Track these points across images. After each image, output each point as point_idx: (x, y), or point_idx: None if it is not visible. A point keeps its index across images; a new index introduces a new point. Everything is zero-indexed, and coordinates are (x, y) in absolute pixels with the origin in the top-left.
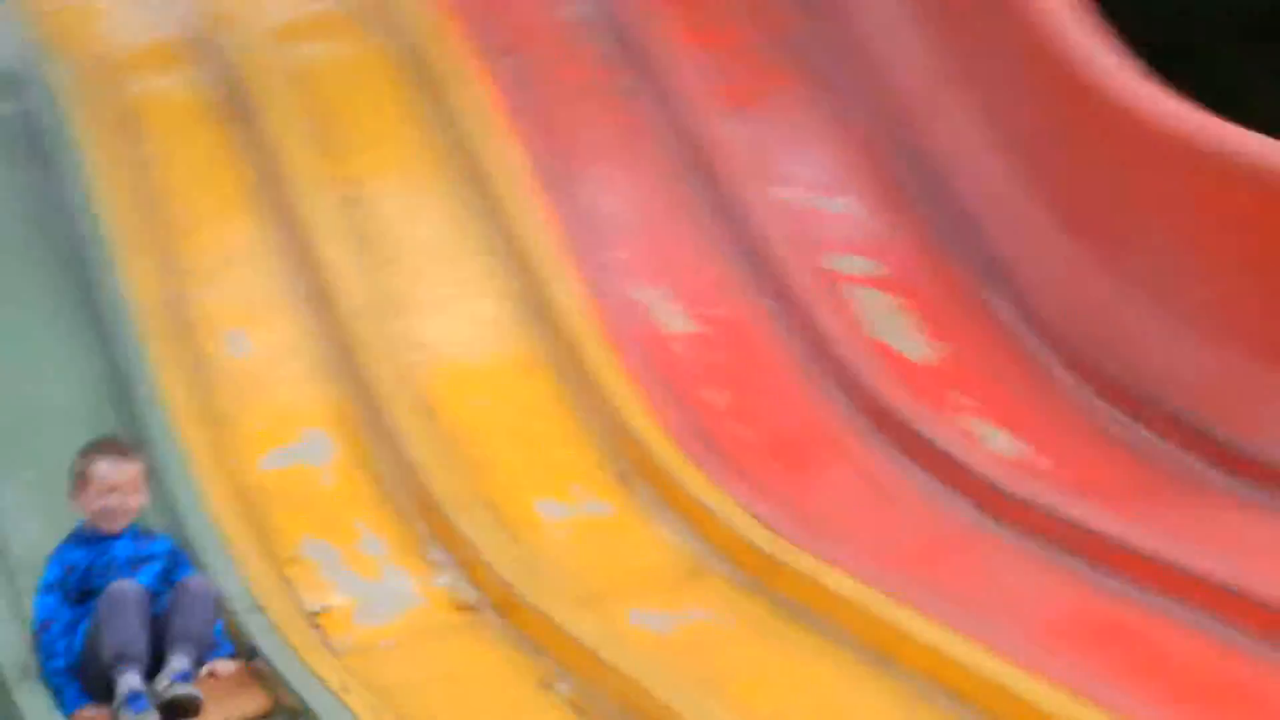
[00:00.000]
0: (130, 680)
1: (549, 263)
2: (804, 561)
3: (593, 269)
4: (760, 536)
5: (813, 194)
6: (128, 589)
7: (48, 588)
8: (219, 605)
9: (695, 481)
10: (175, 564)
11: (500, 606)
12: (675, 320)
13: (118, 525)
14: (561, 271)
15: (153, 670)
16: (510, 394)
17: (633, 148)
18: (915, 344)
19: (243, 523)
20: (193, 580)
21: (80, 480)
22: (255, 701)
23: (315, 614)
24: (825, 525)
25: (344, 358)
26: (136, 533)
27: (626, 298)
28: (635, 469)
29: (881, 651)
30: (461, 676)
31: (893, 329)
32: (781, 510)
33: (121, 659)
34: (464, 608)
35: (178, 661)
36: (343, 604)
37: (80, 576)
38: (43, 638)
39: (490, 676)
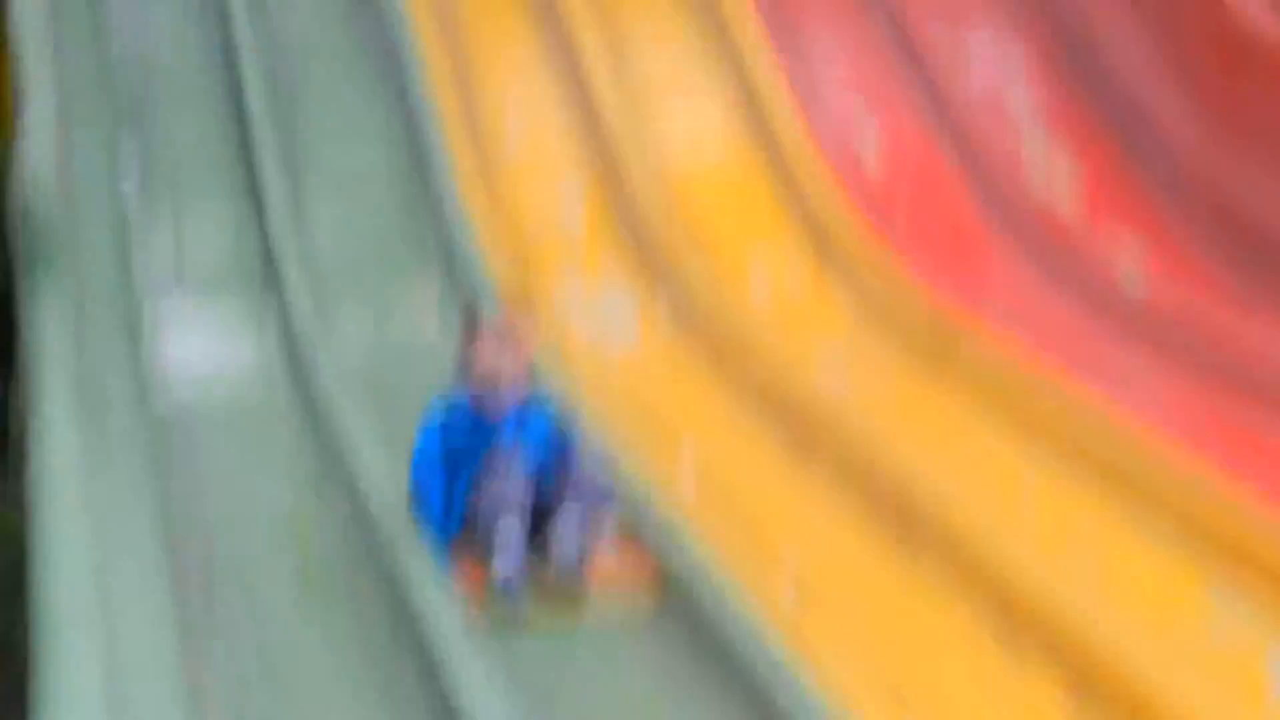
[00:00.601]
0: (510, 527)
1: (771, 85)
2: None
3: (806, 94)
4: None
5: (991, 42)
6: (510, 454)
7: (423, 457)
8: (610, 491)
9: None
10: (563, 445)
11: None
12: (869, 136)
13: (502, 405)
14: (780, 92)
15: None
16: (732, 183)
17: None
18: (1063, 175)
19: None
20: (587, 471)
21: (470, 350)
22: (637, 578)
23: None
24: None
25: (599, 151)
26: (520, 414)
27: (831, 116)
28: (831, 243)
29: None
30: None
31: (1047, 162)
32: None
33: (502, 507)
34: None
35: (565, 528)
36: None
37: (460, 452)
38: (421, 502)
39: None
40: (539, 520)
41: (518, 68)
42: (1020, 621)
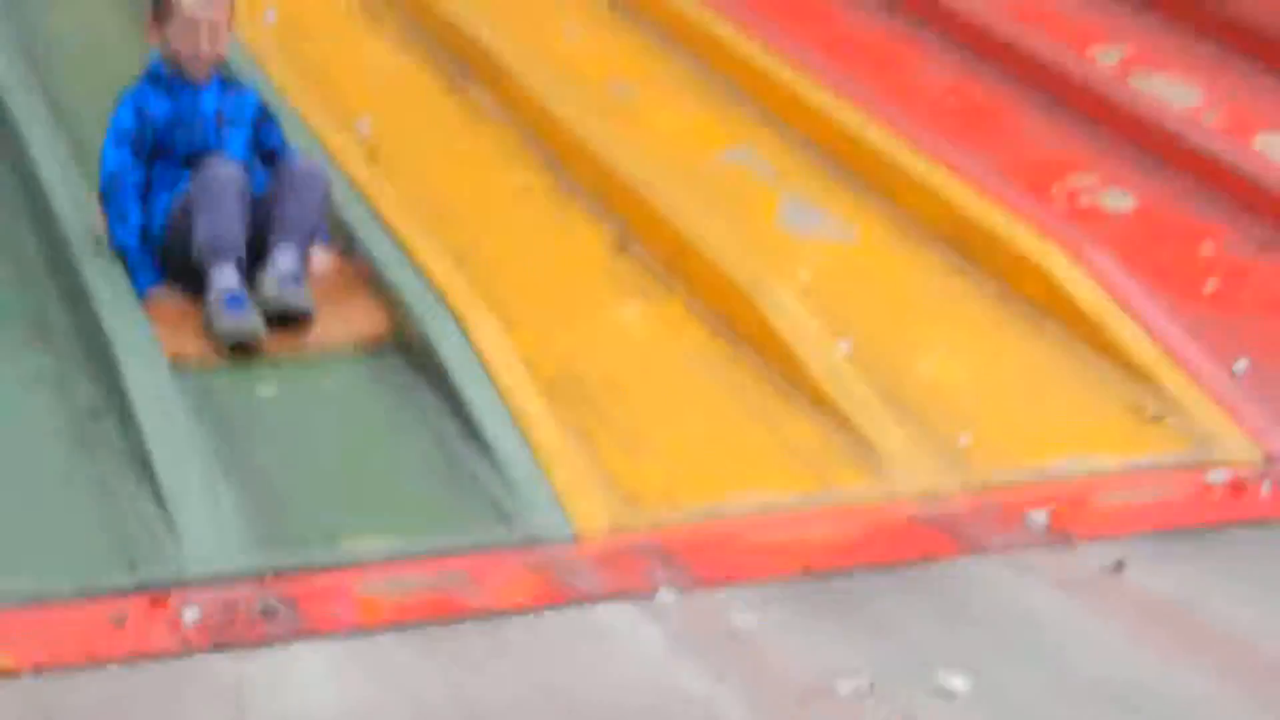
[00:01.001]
0: (227, 276)
1: None
2: None
3: None
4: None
5: None
6: (225, 171)
7: (119, 136)
8: (328, 191)
9: None
10: (265, 124)
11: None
12: None
13: (203, 71)
14: None
15: (250, 263)
16: None
17: None
18: None
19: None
20: (299, 161)
21: (164, 13)
22: (370, 319)
23: None
24: None
25: None
26: (223, 83)
27: None
28: None
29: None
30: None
31: None
32: None
33: (216, 252)
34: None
35: (284, 258)
36: None
37: (160, 130)
38: (114, 196)
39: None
40: (255, 230)
41: None
42: (573, 175)
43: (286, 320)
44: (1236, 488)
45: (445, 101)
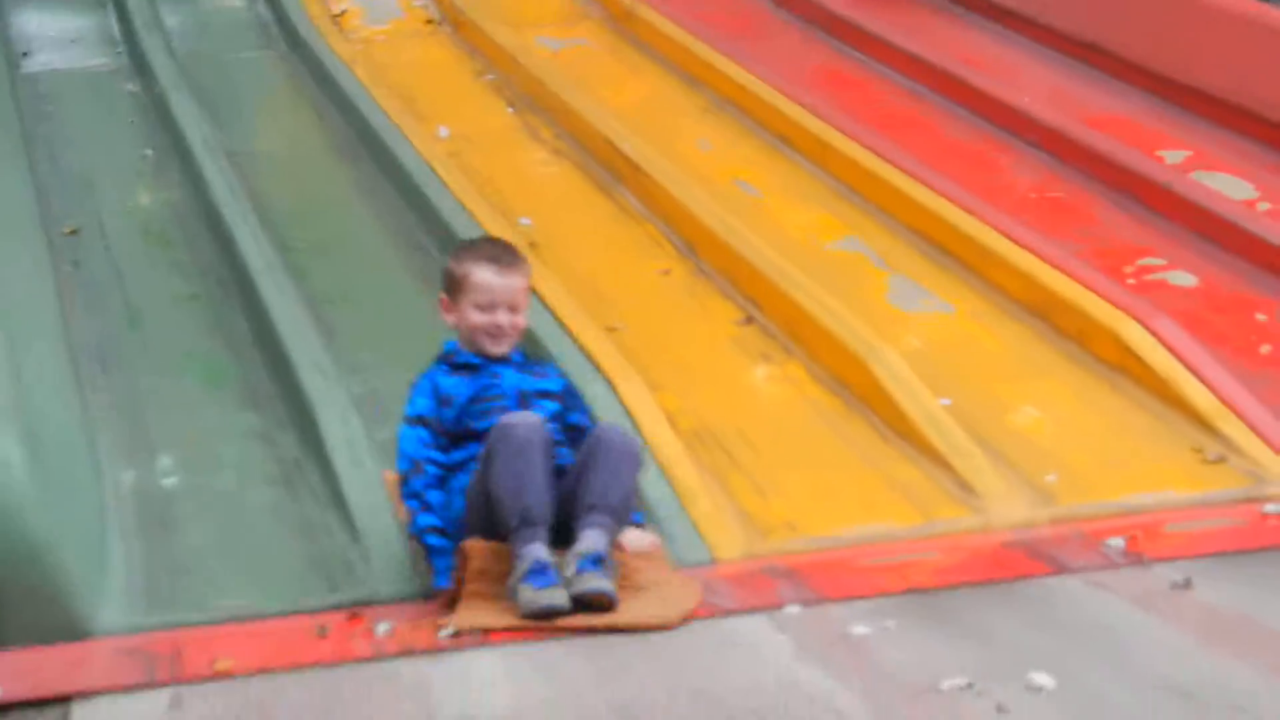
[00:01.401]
0: (535, 551)
1: None
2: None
3: None
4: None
5: None
6: (530, 426)
7: (415, 421)
8: (641, 464)
9: None
10: (570, 404)
11: (454, 23)
12: None
13: (503, 347)
14: None
15: (555, 537)
16: None
17: None
18: None
19: None
20: (611, 431)
21: (456, 287)
22: (682, 595)
23: (336, 15)
24: None
25: None
26: (524, 359)
27: None
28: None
29: (685, 69)
30: (427, 63)
31: None
32: None
33: (525, 522)
34: (430, 21)
35: (591, 539)
36: (354, 9)
37: (460, 412)
38: (412, 482)
39: (445, 66)
40: (560, 503)
41: None
42: (706, 261)
43: (588, 605)
44: None
45: (596, 201)
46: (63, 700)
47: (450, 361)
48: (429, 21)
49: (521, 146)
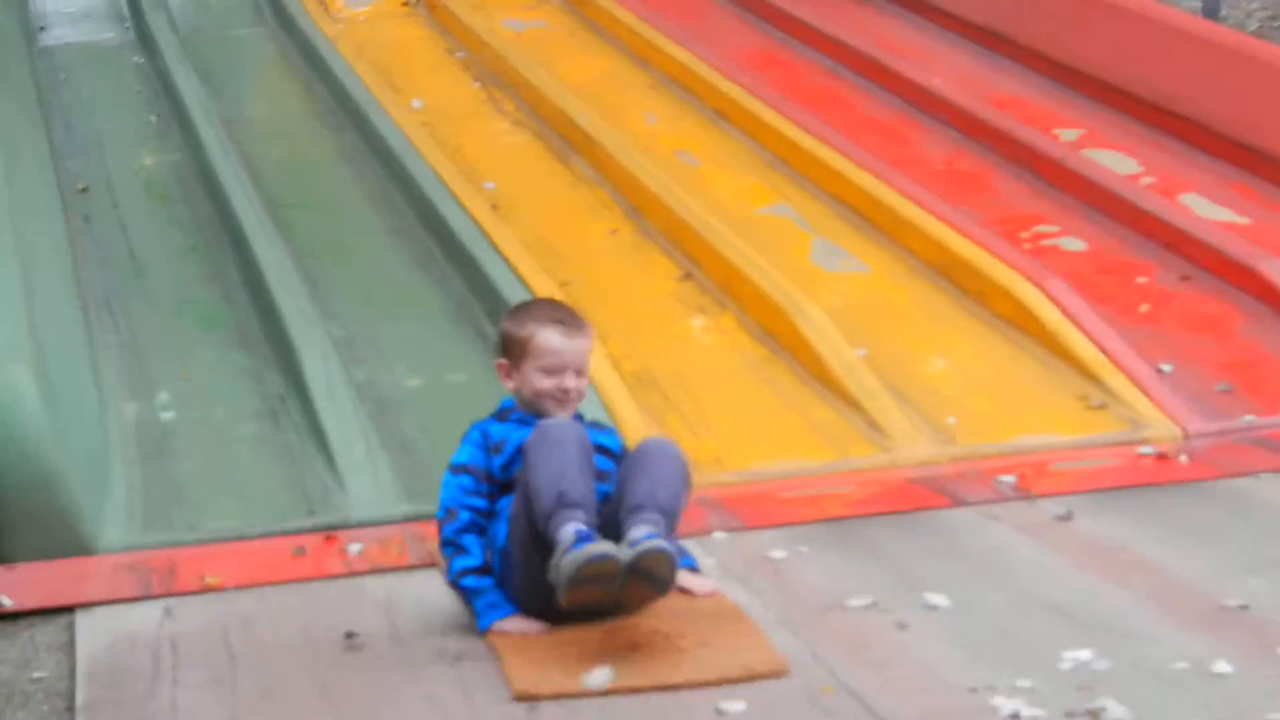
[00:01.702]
0: (575, 526)
1: None
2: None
3: None
4: None
5: None
6: (566, 425)
7: (459, 468)
8: (687, 473)
9: None
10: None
11: (428, 5)
12: None
13: (567, 412)
14: None
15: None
16: None
17: None
18: None
19: None
20: (658, 441)
21: (519, 351)
22: (761, 654)
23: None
24: None
25: None
26: (582, 421)
27: None
28: None
29: (634, 50)
30: (403, 42)
31: None
32: None
33: (563, 503)
34: (406, 4)
35: (641, 529)
36: None
37: (508, 458)
38: (444, 530)
39: (419, 45)
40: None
41: None
42: (650, 223)
43: (645, 573)
44: (1160, 459)
45: (552, 167)
46: (67, 610)
47: (503, 419)
48: (405, 4)
49: (487, 118)
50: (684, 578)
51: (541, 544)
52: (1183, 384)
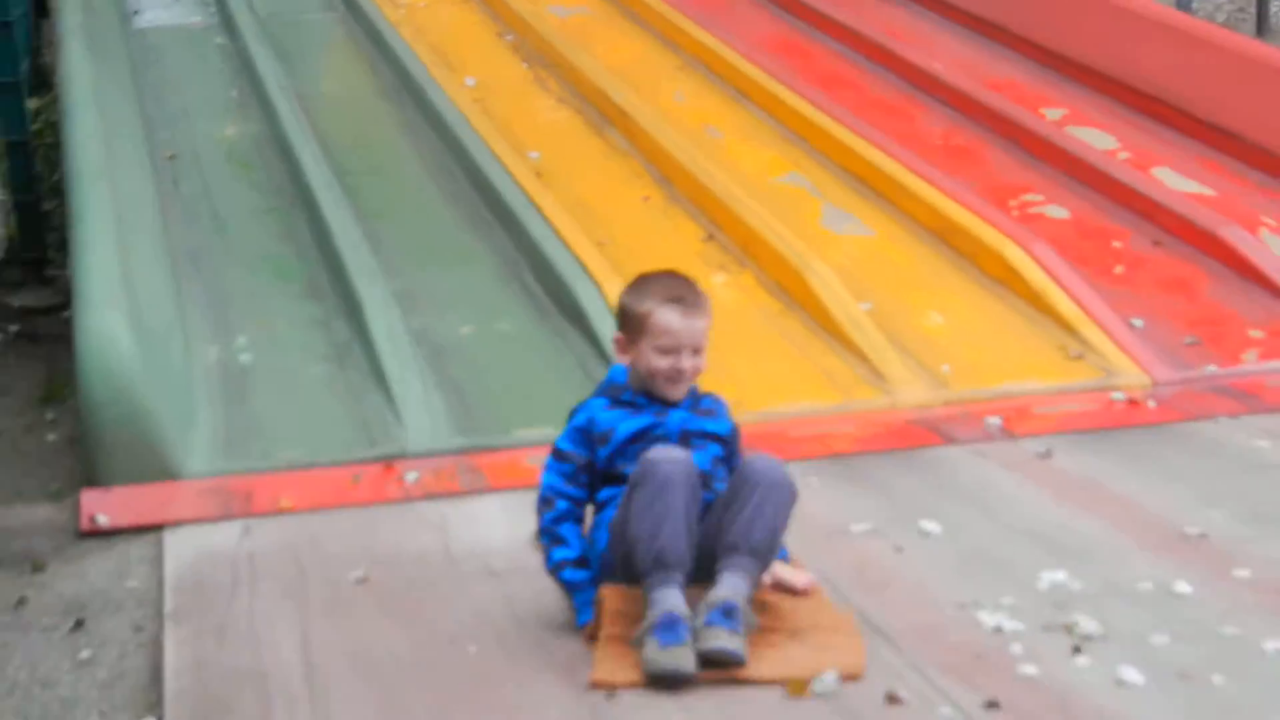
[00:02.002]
0: (667, 599)
1: None
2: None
3: None
4: None
5: None
6: (674, 462)
7: (560, 454)
8: (793, 504)
9: None
10: (734, 450)
11: None
12: None
13: (680, 392)
14: None
15: (695, 574)
16: None
17: None
18: None
19: None
20: (762, 461)
21: (635, 327)
22: (842, 646)
23: None
24: None
25: None
26: (694, 401)
27: None
28: None
29: (665, 35)
30: (458, 26)
31: None
32: None
33: (660, 565)
34: None
35: (728, 587)
36: None
37: (614, 449)
38: (543, 517)
39: (472, 29)
40: (704, 537)
41: None
42: (678, 190)
43: (714, 664)
44: (1131, 404)
45: (591, 140)
46: (156, 529)
47: (614, 396)
48: None
49: (532, 95)
50: (780, 570)
51: (633, 567)
52: (1152, 337)
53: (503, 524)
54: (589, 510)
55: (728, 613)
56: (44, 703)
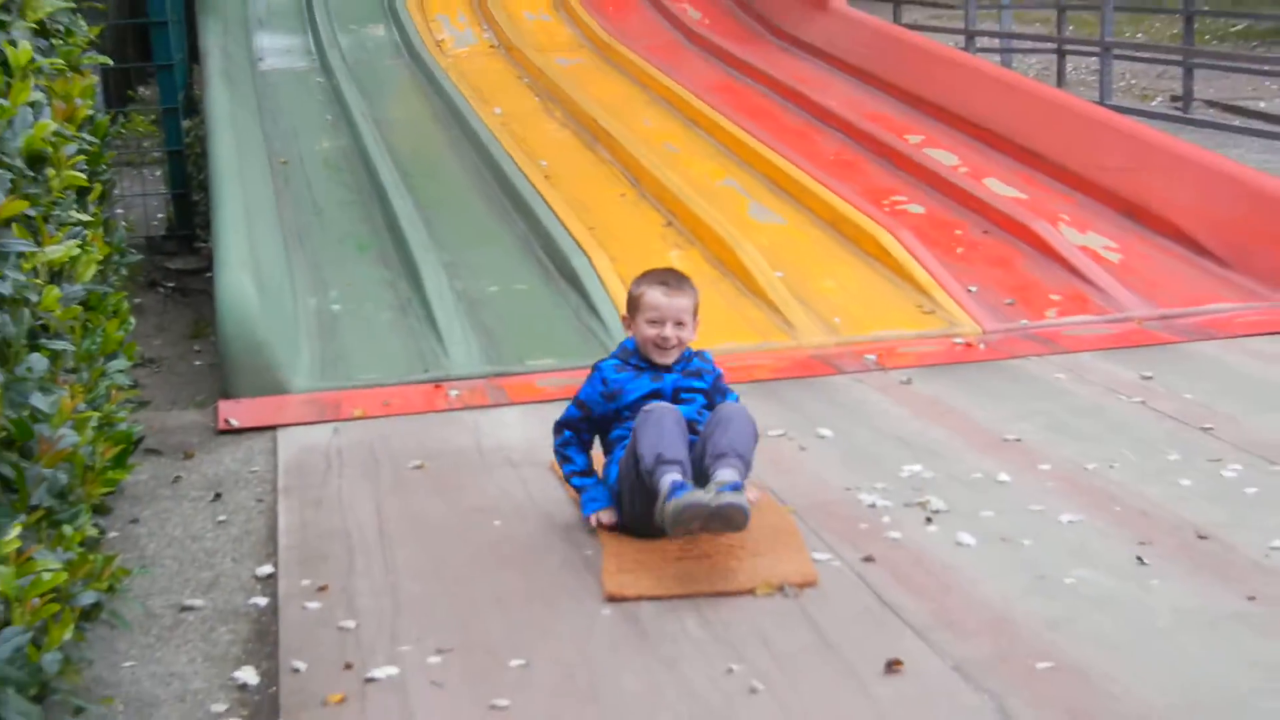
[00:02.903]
0: (673, 476)
1: None
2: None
3: None
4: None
5: None
6: (666, 408)
7: (578, 402)
8: (754, 428)
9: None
10: (717, 389)
11: (506, 48)
12: None
13: (668, 358)
14: None
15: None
16: None
17: None
18: None
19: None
20: (734, 406)
21: (633, 306)
22: (797, 566)
23: (438, 42)
24: None
25: None
26: (687, 366)
27: None
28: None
29: (638, 79)
30: (490, 71)
31: None
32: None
33: (661, 460)
34: (492, 46)
35: (728, 473)
36: (448, 38)
37: (620, 400)
38: (556, 441)
39: (500, 73)
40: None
41: None
42: (646, 189)
43: (726, 520)
44: (967, 346)
45: (584, 153)
46: (271, 429)
47: (624, 359)
48: (492, 46)
49: (542, 120)
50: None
51: (643, 490)
52: (983, 299)
53: (519, 428)
54: (599, 458)
55: (735, 488)
56: (193, 552)
